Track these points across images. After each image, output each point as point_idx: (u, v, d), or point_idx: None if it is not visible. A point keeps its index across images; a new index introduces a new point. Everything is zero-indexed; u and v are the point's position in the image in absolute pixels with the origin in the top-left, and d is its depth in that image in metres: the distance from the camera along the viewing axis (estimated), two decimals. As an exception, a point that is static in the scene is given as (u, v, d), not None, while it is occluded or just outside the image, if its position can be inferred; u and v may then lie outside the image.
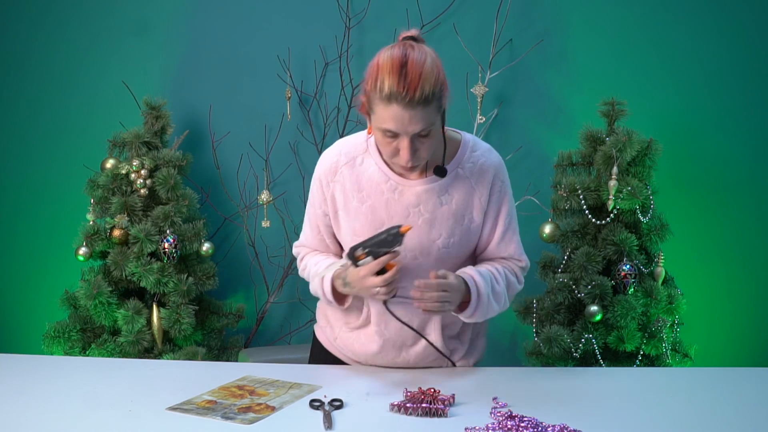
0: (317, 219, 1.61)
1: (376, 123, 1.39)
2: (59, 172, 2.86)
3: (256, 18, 2.82)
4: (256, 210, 2.87)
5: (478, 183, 1.53)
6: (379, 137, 1.42)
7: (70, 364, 1.73)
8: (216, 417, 1.30)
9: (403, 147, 1.38)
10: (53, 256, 2.85)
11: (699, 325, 2.70)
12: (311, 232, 1.64)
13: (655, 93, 2.72)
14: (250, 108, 2.84)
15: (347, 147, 1.57)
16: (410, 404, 1.35)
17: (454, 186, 1.52)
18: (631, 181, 2.32)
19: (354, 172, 1.53)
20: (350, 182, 1.53)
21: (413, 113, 1.33)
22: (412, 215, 1.50)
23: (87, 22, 2.83)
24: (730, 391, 1.50)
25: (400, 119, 1.34)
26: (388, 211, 1.51)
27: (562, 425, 1.26)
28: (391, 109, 1.34)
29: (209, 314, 2.68)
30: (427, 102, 1.34)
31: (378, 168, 1.52)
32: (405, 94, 1.32)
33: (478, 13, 2.74)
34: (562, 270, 2.42)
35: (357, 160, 1.54)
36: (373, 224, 1.51)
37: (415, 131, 1.36)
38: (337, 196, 1.55)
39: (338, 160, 1.55)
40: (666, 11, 2.71)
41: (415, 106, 1.33)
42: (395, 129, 1.36)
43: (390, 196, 1.51)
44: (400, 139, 1.38)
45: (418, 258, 1.52)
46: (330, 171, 1.55)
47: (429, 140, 1.40)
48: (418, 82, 1.32)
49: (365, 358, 1.63)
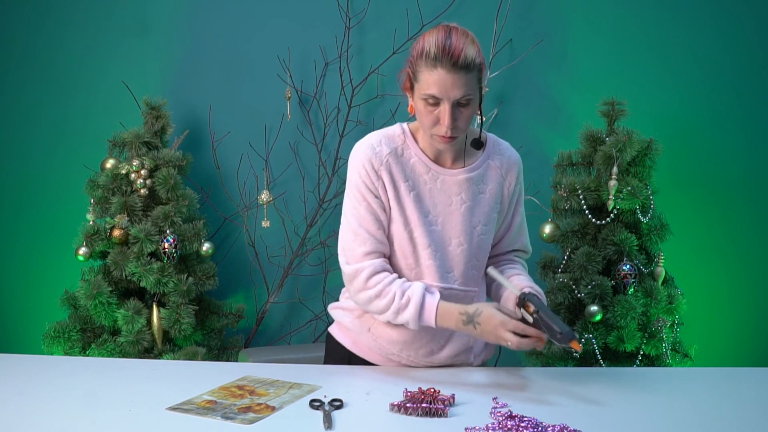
0: (376, 210, 1.54)
1: (420, 90, 1.46)
2: (59, 172, 2.86)
3: (256, 18, 2.82)
4: (256, 210, 2.87)
5: (508, 174, 1.64)
6: (421, 107, 1.48)
7: (70, 364, 1.73)
8: (216, 417, 1.30)
9: (444, 113, 1.45)
10: (53, 256, 2.85)
11: (699, 325, 2.70)
12: (370, 230, 1.54)
13: (655, 93, 2.72)
14: (250, 108, 2.84)
15: (385, 138, 1.58)
16: (410, 404, 1.35)
17: (488, 176, 1.62)
18: (631, 181, 2.32)
19: (398, 161, 1.56)
20: (397, 170, 1.55)
21: (456, 77, 1.42)
22: (455, 203, 1.58)
23: (87, 22, 2.83)
24: (730, 391, 1.50)
25: (443, 83, 1.42)
26: (432, 199, 1.57)
27: (562, 425, 1.26)
28: (436, 72, 1.42)
29: (209, 314, 2.68)
30: (469, 69, 1.42)
31: (418, 158, 1.57)
32: (450, 57, 1.41)
33: (478, 13, 2.74)
34: (562, 270, 2.42)
35: (398, 150, 1.57)
36: (421, 211, 1.56)
37: (457, 97, 1.43)
38: (387, 184, 1.55)
39: (381, 150, 1.55)
40: (666, 11, 2.72)
41: (459, 70, 1.41)
42: (438, 94, 1.43)
43: (432, 185, 1.57)
44: (441, 106, 1.45)
45: (463, 244, 1.58)
46: (376, 159, 1.54)
47: (468, 111, 1.47)
48: (462, 47, 1.42)
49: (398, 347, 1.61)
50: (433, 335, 1.61)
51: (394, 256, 1.59)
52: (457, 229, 1.58)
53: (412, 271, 1.58)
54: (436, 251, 1.57)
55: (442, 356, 1.63)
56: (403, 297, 1.51)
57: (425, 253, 1.56)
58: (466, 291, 1.61)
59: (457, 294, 1.59)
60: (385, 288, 1.52)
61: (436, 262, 1.57)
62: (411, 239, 1.56)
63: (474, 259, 1.61)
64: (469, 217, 1.59)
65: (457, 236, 1.58)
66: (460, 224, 1.58)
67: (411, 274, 1.58)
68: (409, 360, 1.63)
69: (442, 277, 1.58)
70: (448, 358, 1.64)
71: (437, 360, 1.64)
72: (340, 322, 1.70)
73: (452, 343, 1.63)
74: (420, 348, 1.62)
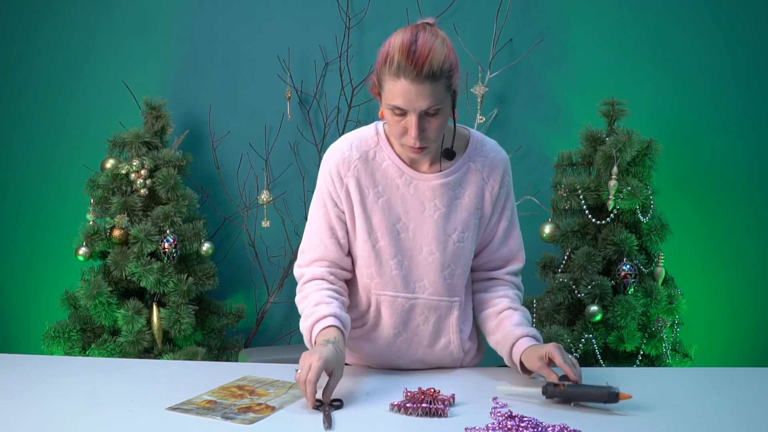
0: (332, 218, 1.53)
1: (386, 100, 1.39)
2: (59, 172, 2.86)
3: (256, 18, 2.82)
4: (256, 210, 2.87)
5: (490, 176, 1.54)
6: (389, 116, 1.41)
7: (70, 364, 1.73)
8: (216, 417, 1.30)
9: (410, 124, 1.38)
10: (53, 256, 2.85)
11: (699, 325, 2.69)
12: (322, 238, 1.53)
13: (655, 93, 2.72)
14: (250, 108, 2.84)
15: (357, 141, 1.53)
16: (410, 404, 1.34)
17: (466, 180, 1.53)
18: (631, 181, 2.32)
19: (368, 166, 1.51)
20: (365, 177, 1.50)
21: (420, 88, 1.34)
22: (428, 209, 1.51)
23: (87, 22, 2.83)
24: (730, 391, 1.49)
25: (408, 94, 1.34)
26: (404, 205, 1.51)
27: (562, 425, 1.26)
28: (399, 83, 1.34)
29: (209, 314, 2.67)
30: (434, 78, 1.34)
31: (391, 162, 1.51)
32: (413, 68, 1.33)
33: (478, 13, 2.74)
34: (562, 270, 2.42)
35: (369, 154, 1.52)
36: (390, 219, 1.50)
37: (423, 108, 1.36)
38: (352, 192, 1.50)
39: (350, 154, 1.51)
40: (666, 11, 2.71)
41: (423, 80, 1.33)
42: (403, 105, 1.36)
43: (405, 190, 1.51)
44: (408, 116, 1.38)
45: (434, 252, 1.52)
46: (343, 165, 1.51)
47: (437, 120, 1.39)
48: (427, 57, 1.33)
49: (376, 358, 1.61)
50: (408, 346, 1.59)
51: (357, 265, 1.56)
52: (429, 237, 1.51)
53: (373, 280, 1.54)
54: (403, 260, 1.52)
55: (426, 363, 1.62)
56: (308, 309, 1.48)
57: (391, 263, 1.52)
58: (438, 300, 1.55)
59: (427, 303, 1.54)
60: (309, 295, 1.51)
61: (402, 271, 1.52)
62: (374, 248, 1.51)
63: (449, 267, 1.53)
64: (443, 224, 1.51)
65: (429, 244, 1.51)
66: (433, 231, 1.51)
67: (372, 283, 1.54)
68: (391, 367, 1.62)
69: (408, 286, 1.53)
70: (433, 365, 1.62)
71: (421, 367, 1.62)
72: None
73: (433, 354, 1.60)
74: (401, 358, 1.60)
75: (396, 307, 1.55)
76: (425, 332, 1.57)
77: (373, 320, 1.58)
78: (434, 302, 1.55)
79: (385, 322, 1.56)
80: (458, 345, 1.60)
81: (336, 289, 1.54)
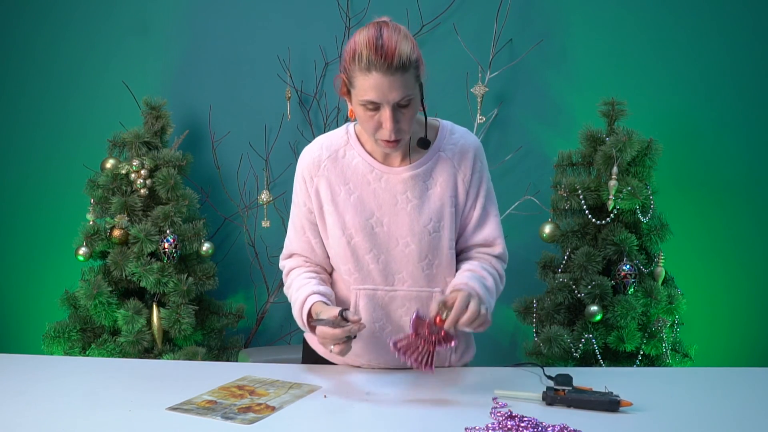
0: (302, 218, 1.59)
1: (357, 96, 1.41)
2: (59, 172, 2.87)
3: (256, 18, 2.82)
4: (256, 210, 2.87)
5: (461, 163, 1.55)
6: (361, 113, 1.43)
7: (70, 364, 1.73)
8: (216, 417, 1.30)
9: (385, 117, 1.40)
10: (53, 256, 2.86)
11: (699, 325, 2.70)
12: (296, 235, 1.61)
13: (655, 93, 2.72)
14: (250, 108, 2.84)
15: (327, 141, 1.58)
16: (409, 349, 1.38)
17: (437, 170, 1.54)
18: (631, 181, 2.32)
19: (338, 165, 1.54)
20: (335, 175, 1.54)
21: (392, 79, 1.36)
22: (400, 202, 1.52)
23: (87, 22, 2.84)
24: (730, 391, 1.50)
25: (380, 87, 1.37)
26: (376, 200, 1.53)
27: (562, 425, 1.26)
28: (371, 77, 1.37)
29: (209, 314, 2.68)
30: (404, 69, 1.37)
31: (361, 159, 1.54)
32: (383, 61, 1.35)
33: (478, 13, 2.74)
34: (562, 270, 2.42)
35: (339, 153, 1.55)
36: (363, 215, 1.52)
37: (396, 99, 1.38)
38: (321, 190, 1.54)
39: (320, 155, 1.55)
40: (665, 11, 2.71)
41: (394, 72, 1.36)
42: (376, 98, 1.38)
43: (377, 185, 1.53)
44: (381, 111, 1.40)
45: (410, 245, 1.53)
46: (313, 165, 1.55)
47: (409, 112, 1.42)
48: (395, 49, 1.36)
49: (365, 359, 1.62)
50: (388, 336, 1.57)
51: (335, 262, 1.59)
52: (404, 229, 1.52)
53: (352, 275, 1.55)
54: (380, 254, 1.53)
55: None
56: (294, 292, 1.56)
57: (367, 258, 1.53)
58: (418, 291, 1.55)
59: (407, 295, 1.55)
60: (291, 283, 1.59)
61: (379, 265, 1.53)
62: (349, 244, 1.53)
63: (426, 258, 1.53)
64: (416, 216, 1.52)
65: (404, 237, 1.52)
66: (407, 224, 1.52)
67: (351, 279, 1.56)
68: (380, 365, 1.61)
69: (386, 279, 1.54)
70: None
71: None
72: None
73: None
74: (386, 354, 1.57)
75: (376, 300, 1.56)
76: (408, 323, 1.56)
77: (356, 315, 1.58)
78: (414, 293, 1.56)
79: (367, 316, 1.57)
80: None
81: (314, 269, 1.61)
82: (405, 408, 1.37)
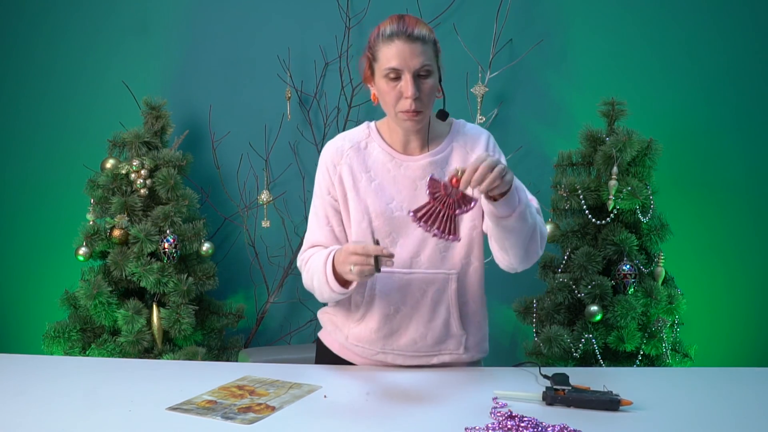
0: (326, 207, 1.63)
1: (381, 68, 1.50)
2: (59, 172, 2.87)
3: (256, 18, 2.82)
4: (256, 210, 2.87)
5: (474, 149, 1.62)
6: (384, 86, 1.51)
7: (70, 364, 1.73)
8: (216, 417, 1.30)
9: (406, 85, 1.48)
10: (53, 256, 2.86)
11: (699, 325, 2.70)
12: (319, 226, 1.64)
13: (655, 93, 2.72)
14: (250, 108, 2.84)
15: (349, 135, 1.66)
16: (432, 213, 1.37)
17: (453, 157, 1.62)
18: (631, 181, 2.32)
19: (360, 155, 1.62)
20: (357, 163, 1.61)
21: (413, 46, 1.48)
22: (420, 187, 1.58)
23: (87, 22, 2.84)
24: (730, 391, 1.50)
25: (402, 53, 1.47)
26: (396, 186, 1.59)
27: (562, 425, 1.26)
28: (393, 45, 1.48)
29: (209, 314, 2.68)
30: (424, 40, 1.49)
31: (382, 149, 1.61)
32: (405, 29, 1.48)
33: (478, 13, 2.74)
34: (562, 270, 2.42)
35: (361, 145, 1.63)
36: (383, 199, 1.58)
37: (416, 66, 1.47)
38: (344, 177, 1.60)
39: (342, 145, 1.63)
40: (665, 11, 2.72)
41: (415, 40, 1.48)
42: (398, 65, 1.47)
43: (396, 172, 1.59)
44: (402, 80, 1.48)
45: None
46: (336, 154, 1.62)
47: (429, 83, 1.50)
48: (416, 22, 1.50)
49: (380, 344, 1.62)
50: (409, 322, 1.60)
51: None
52: None
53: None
54: (397, 238, 1.58)
55: (428, 343, 1.62)
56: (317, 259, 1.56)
57: (386, 241, 1.58)
58: (435, 273, 1.59)
59: (425, 277, 1.58)
60: (310, 261, 1.60)
61: (397, 249, 1.58)
62: (370, 228, 1.58)
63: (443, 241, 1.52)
64: None
65: None
66: None
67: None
68: (395, 354, 1.62)
69: (405, 262, 1.58)
70: (435, 345, 1.62)
71: (423, 348, 1.62)
72: (324, 327, 1.74)
73: (433, 329, 1.61)
74: (401, 337, 1.61)
75: (393, 283, 1.59)
76: (424, 306, 1.60)
77: (367, 300, 1.61)
78: (430, 275, 1.59)
79: (384, 298, 1.60)
80: (458, 318, 1.62)
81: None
82: (405, 408, 1.37)
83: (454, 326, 1.62)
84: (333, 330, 1.70)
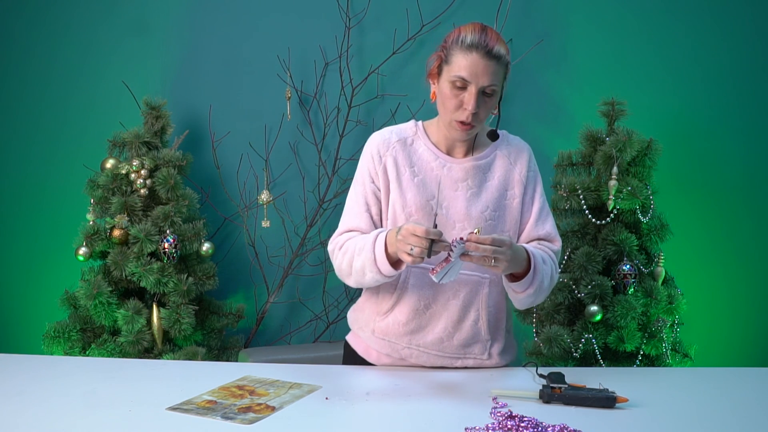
0: (368, 194, 1.63)
1: (450, 72, 1.52)
2: (59, 172, 2.86)
3: (256, 18, 2.82)
4: (256, 210, 2.87)
5: (517, 160, 1.68)
6: (447, 90, 1.53)
7: (70, 364, 1.73)
8: (216, 417, 1.30)
9: (469, 98, 1.51)
10: (53, 256, 2.85)
11: (699, 325, 2.70)
12: (358, 212, 1.63)
13: (655, 93, 2.72)
14: (250, 108, 2.84)
15: (397, 129, 1.68)
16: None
17: (496, 164, 1.66)
18: (631, 181, 2.32)
19: (405, 149, 1.64)
20: (402, 157, 1.63)
21: (488, 64, 1.50)
22: (461, 189, 1.62)
23: (87, 22, 2.83)
24: (730, 391, 1.50)
25: (475, 67, 1.49)
26: (437, 185, 1.62)
27: (562, 425, 1.26)
28: (470, 56, 1.50)
29: (209, 314, 2.68)
30: (499, 59, 1.51)
31: (427, 148, 1.65)
32: (485, 44, 1.49)
33: (478, 13, 2.74)
34: (562, 270, 2.42)
35: (408, 140, 1.66)
36: (424, 195, 1.60)
37: (485, 84, 1.50)
38: (389, 168, 1.62)
39: (390, 137, 1.66)
40: (666, 11, 2.72)
41: (491, 58, 1.50)
42: (468, 77, 1.50)
43: (440, 171, 1.63)
44: (467, 92, 1.51)
45: (466, 229, 1.60)
46: (383, 144, 1.64)
47: (490, 102, 1.54)
48: (497, 40, 1.51)
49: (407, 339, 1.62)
50: (438, 320, 1.61)
51: None
52: (461, 214, 1.60)
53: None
54: None
55: (454, 344, 1.63)
56: (360, 240, 1.55)
57: None
58: (470, 275, 1.61)
59: (459, 278, 1.58)
60: (346, 245, 1.59)
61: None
62: (407, 221, 1.58)
63: None
64: (474, 202, 1.61)
65: (461, 221, 1.60)
66: (465, 209, 1.60)
67: None
68: (420, 351, 1.63)
69: (439, 259, 1.55)
70: (461, 348, 1.63)
71: (449, 349, 1.63)
72: (352, 326, 1.75)
73: (461, 330, 1.62)
74: (428, 334, 1.62)
75: (426, 279, 1.59)
76: (455, 306, 1.62)
77: (399, 292, 1.62)
78: (464, 277, 1.61)
79: (413, 294, 1.61)
80: (486, 321, 1.63)
81: None
82: (405, 408, 1.37)
83: (483, 330, 1.64)
84: (359, 329, 1.71)
